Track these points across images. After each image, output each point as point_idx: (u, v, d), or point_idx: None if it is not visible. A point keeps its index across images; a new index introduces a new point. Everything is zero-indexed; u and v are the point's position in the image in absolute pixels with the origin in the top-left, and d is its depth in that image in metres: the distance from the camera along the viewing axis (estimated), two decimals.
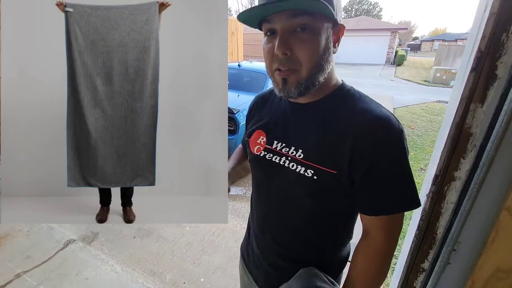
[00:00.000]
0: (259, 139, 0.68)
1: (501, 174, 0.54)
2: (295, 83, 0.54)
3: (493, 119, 0.51)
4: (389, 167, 0.54)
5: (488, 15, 0.46)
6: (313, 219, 0.64)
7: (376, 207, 0.56)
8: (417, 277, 0.75)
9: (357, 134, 0.54)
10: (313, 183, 0.58)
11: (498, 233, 0.54)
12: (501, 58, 0.47)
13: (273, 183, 0.66)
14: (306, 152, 0.59)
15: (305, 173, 0.58)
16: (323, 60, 0.54)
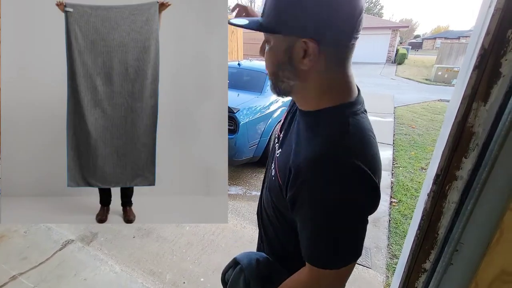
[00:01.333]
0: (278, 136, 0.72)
1: (504, 173, 0.53)
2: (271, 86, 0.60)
3: (496, 118, 0.50)
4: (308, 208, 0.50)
5: (493, 11, 0.44)
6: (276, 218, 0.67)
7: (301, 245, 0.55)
8: (419, 278, 0.74)
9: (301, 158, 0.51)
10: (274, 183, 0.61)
11: (503, 234, 0.53)
12: (506, 56, 0.46)
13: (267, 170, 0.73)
14: (280, 154, 0.62)
15: (272, 171, 0.63)
16: (279, 71, 0.55)
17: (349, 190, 0.47)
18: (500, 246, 0.54)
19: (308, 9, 0.46)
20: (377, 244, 2.16)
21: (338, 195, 0.47)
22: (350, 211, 0.49)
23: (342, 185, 0.47)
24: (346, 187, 0.47)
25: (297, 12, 0.47)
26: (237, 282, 0.68)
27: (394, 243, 2.17)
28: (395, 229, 2.33)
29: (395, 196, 2.84)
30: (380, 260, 2.00)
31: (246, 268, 0.67)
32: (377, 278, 1.84)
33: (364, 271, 1.88)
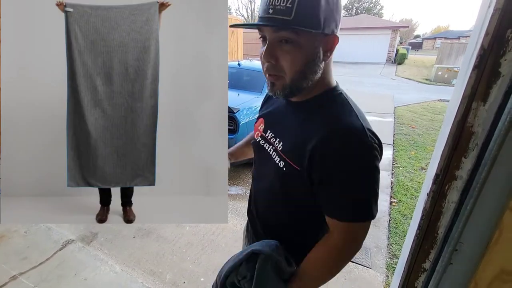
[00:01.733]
0: (260, 125, 0.77)
1: (503, 173, 0.53)
2: (280, 87, 0.60)
3: (495, 118, 0.50)
4: (344, 177, 0.57)
5: (493, 11, 0.45)
6: (284, 207, 0.72)
7: (330, 211, 0.61)
8: (418, 277, 0.74)
9: (321, 138, 0.57)
10: (284, 175, 0.65)
11: (502, 234, 0.53)
12: (505, 56, 0.46)
13: (262, 166, 0.77)
14: (284, 145, 0.66)
15: (279, 163, 0.66)
16: (307, 69, 0.57)
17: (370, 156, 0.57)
18: (499, 246, 0.54)
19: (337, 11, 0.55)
20: (377, 244, 2.16)
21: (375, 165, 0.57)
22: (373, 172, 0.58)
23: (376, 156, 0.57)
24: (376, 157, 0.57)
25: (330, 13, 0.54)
26: (265, 271, 0.66)
27: (394, 243, 2.17)
28: (395, 229, 2.33)
29: (395, 196, 2.84)
30: (380, 260, 2.00)
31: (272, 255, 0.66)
32: (377, 278, 1.84)
33: (364, 271, 1.88)
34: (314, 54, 0.57)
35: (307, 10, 0.52)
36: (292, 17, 0.51)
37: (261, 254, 0.68)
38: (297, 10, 0.51)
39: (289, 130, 0.67)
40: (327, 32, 0.55)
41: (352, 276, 1.84)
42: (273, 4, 0.52)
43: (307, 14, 0.52)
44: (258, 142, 0.77)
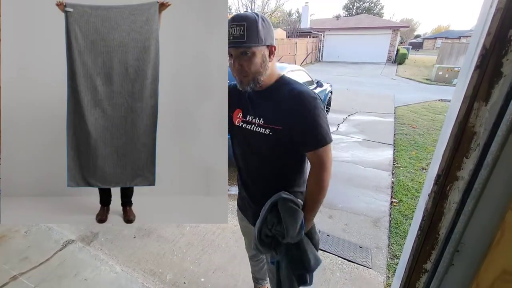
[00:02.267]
0: (238, 114, 1.05)
1: (505, 174, 0.53)
2: (247, 83, 0.93)
3: (497, 118, 0.50)
4: (309, 119, 0.90)
5: (495, 11, 0.44)
6: (274, 164, 1.02)
7: (310, 145, 0.93)
8: (420, 278, 0.74)
9: (290, 103, 0.92)
10: (269, 137, 0.95)
11: (504, 235, 0.52)
12: (507, 55, 0.45)
13: (249, 142, 1.03)
14: (265, 119, 0.96)
15: (265, 131, 0.96)
16: (261, 68, 0.91)
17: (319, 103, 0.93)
18: (501, 246, 0.53)
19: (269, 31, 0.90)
20: (377, 244, 2.15)
21: (321, 107, 0.92)
22: (323, 112, 0.93)
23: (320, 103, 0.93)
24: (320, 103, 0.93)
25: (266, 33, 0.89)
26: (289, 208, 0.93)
27: (395, 243, 2.16)
28: (396, 229, 2.32)
29: (395, 196, 2.83)
30: (380, 260, 1.99)
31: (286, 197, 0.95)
32: (377, 279, 1.83)
33: (365, 271, 1.88)
34: (263, 58, 0.90)
35: (253, 34, 0.86)
36: (245, 39, 0.85)
37: (279, 200, 0.94)
38: (247, 35, 0.85)
39: (264, 109, 0.98)
40: (267, 43, 0.90)
41: (352, 276, 1.84)
42: (232, 34, 0.86)
43: (253, 36, 0.86)
44: (241, 126, 1.04)
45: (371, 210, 2.59)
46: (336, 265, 1.93)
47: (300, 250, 0.96)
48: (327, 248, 2.08)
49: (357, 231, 2.30)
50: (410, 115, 6.04)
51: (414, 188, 2.95)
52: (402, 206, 2.66)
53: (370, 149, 4.07)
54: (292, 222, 0.91)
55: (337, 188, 2.97)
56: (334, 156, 3.85)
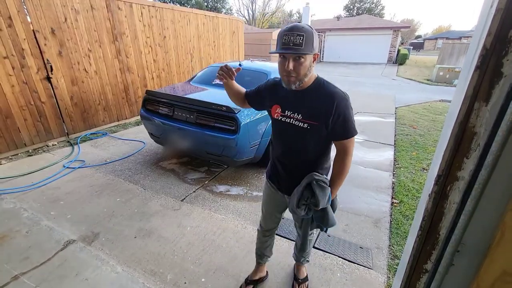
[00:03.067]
0: (277, 109, 1.27)
1: (506, 174, 0.53)
2: (293, 82, 1.13)
3: (498, 118, 0.50)
4: (344, 116, 1.13)
5: (495, 12, 0.44)
6: (309, 149, 1.25)
7: (341, 136, 1.18)
8: (420, 278, 0.73)
9: (326, 102, 1.14)
10: (307, 130, 1.19)
11: (504, 235, 0.52)
12: (508, 56, 0.45)
13: (287, 133, 1.27)
14: (303, 115, 1.18)
15: (303, 125, 1.19)
16: (307, 72, 1.11)
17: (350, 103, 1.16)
18: (501, 247, 0.53)
19: (318, 42, 1.10)
20: (378, 244, 2.15)
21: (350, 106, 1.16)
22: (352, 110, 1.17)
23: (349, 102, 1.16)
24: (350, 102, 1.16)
25: (317, 44, 1.09)
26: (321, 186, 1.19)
27: (395, 244, 2.16)
28: (396, 229, 2.32)
29: (396, 196, 2.83)
30: (381, 260, 1.99)
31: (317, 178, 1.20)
32: (378, 279, 1.83)
33: (365, 272, 1.88)
34: (310, 63, 1.11)
35: (309, 44, 1.05)
36: (303, 47, 1.04)
37: (313, 180, 1.20)
38: (304, 44, 1.04)
39: (302, 106, 1.19)
40: (315, 52, 1.10)
41: (353, 277, 1.84)
42: (292, 42, 1.04)
43: (309, 46, 1.06)
44: (279, 119, 1.26)
45: (372, 210, 2.59)
46: (337, 265, 1.93)
47: (324, 212, 1.28)
48: (327, 249, 2.08)
49: (357, 231, 2.30)
50: (411, 115, 6.02)
51: (415, 189, 2.95)
52: (402, 206, 2.65)
53: (371, 149, 4.06)
54: (323, 196, 1.19)
55: None
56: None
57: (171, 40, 5.80)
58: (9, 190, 2.73)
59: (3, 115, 3.37)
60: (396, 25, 20.24)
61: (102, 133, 4.46)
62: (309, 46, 1.05)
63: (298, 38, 1.03)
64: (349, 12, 43.56)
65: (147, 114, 3.23)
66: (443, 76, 11.31)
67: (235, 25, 8.19)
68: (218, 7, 28.44)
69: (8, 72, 3.36)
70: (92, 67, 4.36)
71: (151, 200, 2.67)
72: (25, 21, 3.44)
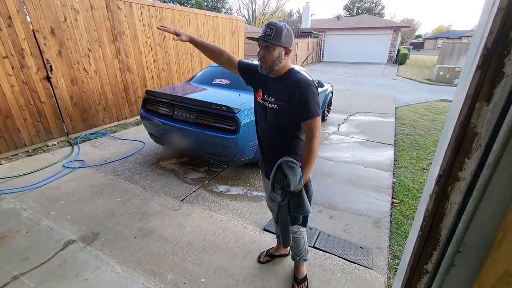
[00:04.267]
0: (259, 93, 1.46)
1: (507, 174, 0.52)
2: (264, 68, 1.33)
3: (499, 118, 0.50)
4: (305, 97, 1.25)
5: (496, 11, 0.44)
6: (280, 129, 1.39)
7: (305, 117, 1.27)
8: (421, 279, 0.73)
9: (292, 86, 1.29)
10: (276, 110, 1.35)
11: (506, 235, 0.52)
12: (509, 55, 0.45)
13: (262, 113, 1.44)
14: (275, 97, 1.36)
15: (274, 106, 1.36)
16: (275, 60, 1.30)
17: (316, 89, 1.30)
18: (503, 247, 0.53)
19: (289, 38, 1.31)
20: (378, 244, 2.15)
21: (313, 91, 1.28)
22: (317, 95, 1.29)
23: (315, 87, 1.30)
24: (316, 88, 1.30)
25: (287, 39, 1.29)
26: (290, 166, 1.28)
27: (396, 244, 2.16)
28: (397, 229, 2.32)
29: (396, 196, 2.83)
30: (381, 261, 1.99)
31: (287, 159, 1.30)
32: (378, 279, 1.83)
33: (365, 272, 1.88)
34: (279, 54, 1.29)
35: (277, 36, 1.25)
36: (271, 38, 1.25)
37: (282, 161, 1.30)
38: (273, 36, 1.25)
39: (275, 90, 1.37)
40: (285, 46, 1.29)
41: (353, 277, 1.84)
42: (264, 32, 1.26)
43: (276, 37, 1.25)
44: (260, 102, 1.45)
45: (372, 210, 2.58)
46: (337, 265, 1.93)
47: (299, 197, 1.37)
48: (327, 249, 2.07)
49: (358, 231, 2.30)
50: (411, 115, 6.02)
51: (415, 189, 2.95)
52: (403, 206, 2.65)
53: (371, 149, 4.06)
54: (293, 175, 1.27)
55: (337, 189, 2.96)
56: (335, 156, 3.86)
57: (171, 39, 5.79)
58: (9, 190, 2.73)
59: (3, 115, 3.37)
60: (396, 25, 20.23)
61: (102, 133, 4.46)
62: (276, 38, 1.24)
63: (269, 30, 1.25)
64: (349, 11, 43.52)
65: (147, 114, 3.22)
66: (443, 76, 11.31)
67: (235, 25, 8.18)
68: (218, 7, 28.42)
69: (7, 72, 3.36)
70: (92, 67, 4.36)
71: (151, 200, 2.66)
72: (24, 20, 3.44)
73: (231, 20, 8.01)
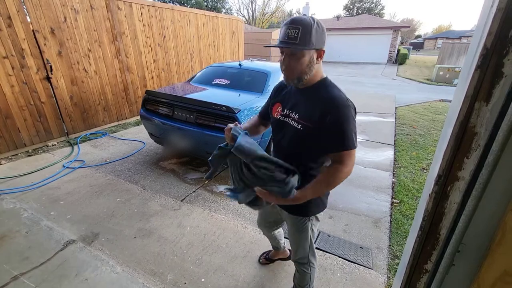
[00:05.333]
0: (277, 108, 1.21)
1: (506, 174, 0.52)
2: (291, 79, 1.06)
3: (498, 118, 0.50)
4: (341, 125, 0.99)
5: (495, 11, 0.44)
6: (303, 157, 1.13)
7: (335, 147, 1.02)
8: (420, 279, 0.73)
9: (324, 105, 1.02)
10: (300, 132, 1.07)
11: (505, 235, 0.52)
12: (508, 55, 0.45)
13: (284, 133, 1.16)
14: (299, 114, 1.09)
15: (297, 126, 1.09)
16: (305, 68, 1.02)
17: (353, 114, 1.02)
18: (502, 247, 0.53)
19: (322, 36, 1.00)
20: (378, 244, 2.15)
21: (352, 116, 1.01)
22: (354, 120, 1.02)
23: (354, 110, 1.03)
24: (354, 111, 1.03)
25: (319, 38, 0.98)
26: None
27: (396, 244, 2.16)
28: (397, 229, 2.32)
29: (396, 196, 2.83)
30: (381, 260, 1.99)
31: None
32: (378, 279, 1.83)
33: (365, 272, 1.88)
34: (310, 59, 1.01)
35: (305, 38, 0.95)
36: (298, 42, 0.95)
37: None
38: (300, 39, 0.95)
39: (301, 105, 1.09)
40: (317, 47, 1.00)
41: (353, 277, 1.84)
42: (288, 36, 0.96)
43: (305, 39, 0.95)
44: (278, 118, 1.18)
45: (372, 210, 2.58)
46: (337, 265, 1.93)
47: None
48: (327, 249, 2.08)
49: (357, 231, 2.30)
50: (411, 115, 6.02)
51: (415, 189, 2.95)
52: (402, 206, 2.65)
53: (371, 149, 4.06)
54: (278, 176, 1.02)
55: (337, 189, 2.95)
56: None
57: (171, 40, 5.79)
58: (9, 190, 2.73)
59: (2, 115, 3.37)
60: (396, 25, 20.23)
61: (102, 133, 4.46)
62: (305, 41, 0.94)
63: (293, 31, 0.94)
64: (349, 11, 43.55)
65: (147, 114, 3.22)
66: (443, 76, 11.31)
67: (235, 25, 8.18)
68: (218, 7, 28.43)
69: (7, 72, 3.36)
70: (92, 67, 4.36)
71: (151, 200, 2.66)
72: (24, 21, 3.44)
73: (231, 20, 8.01)
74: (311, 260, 1.40)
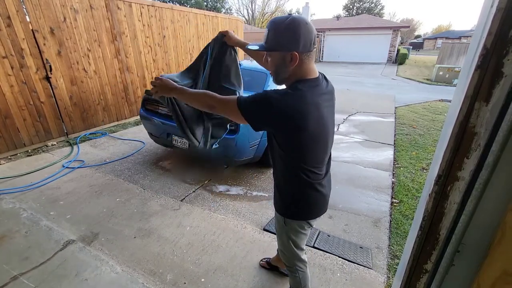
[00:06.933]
0: None
1: (506, 174, 0.52)
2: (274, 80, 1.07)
3: (498, 118, 0.50)
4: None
5: (495, 11, 0.44)
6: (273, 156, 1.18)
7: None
8: (420, 279, 0.73)
9: None
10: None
11: (505, 235, 0.52)
12: (508, 56, 0.45)
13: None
14: None
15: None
16: (278, 70, 1.01)
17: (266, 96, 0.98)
18: (502, 247, 0.53)
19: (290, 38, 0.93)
20: (378, 244, 2.15)
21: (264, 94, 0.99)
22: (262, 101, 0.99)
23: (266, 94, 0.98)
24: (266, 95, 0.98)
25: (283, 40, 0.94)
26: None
27: (395, 244, 2.16)
28: (396, 229, 2.32)
29: (396, 196, 2.83)
30: (381, 260, 1.99)
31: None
32: (378, 279, 1.83)
33: (365, 272, 1.88)
34: (279, 61, 0.99)
35: (272, 40, 0.95)
36: (265, 43, 0.98)
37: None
38: (268, 40, 0.96)
39: None
40: (285, 50, 0.95)
41: (353, 277, 1.84)
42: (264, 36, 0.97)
43: (271, 42, 0.96)
44: None
45: (372, 210, 2.59)
46: (337, 265, 1.93)
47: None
48: (327, 249, 2.08)
49: (357, 231, 2.30)
50: (411, 115, 6.03)
51: (415, 188, 2.95)
52: (402, 206, 2.65)
53: (371, 149, 4.06)
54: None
55: (337, 188, 2.97)
56: (334, 156, 3.85)
57: (171, 40, 5.79)
58: (9, 190, 2.72)
59: (2, 115, 3.37)
60: (395, 25, 20.24)
61: (102, 133, 4.46)
62: (271, 43, 0.94)
63: (266, 32, 0.95)
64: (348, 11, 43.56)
65: (147, 114, 3.22)
66: (443, 76, 11.32)
67: (234, 25, 8.18)
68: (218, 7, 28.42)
69: (7, 72, 3.36)
70: (92, 67, 4.35)
71: (151, 200, 2.66)
72: (24, 20, 3.44)
73: (231, 20, 8.01)
74: (297, 264, 1.37)
